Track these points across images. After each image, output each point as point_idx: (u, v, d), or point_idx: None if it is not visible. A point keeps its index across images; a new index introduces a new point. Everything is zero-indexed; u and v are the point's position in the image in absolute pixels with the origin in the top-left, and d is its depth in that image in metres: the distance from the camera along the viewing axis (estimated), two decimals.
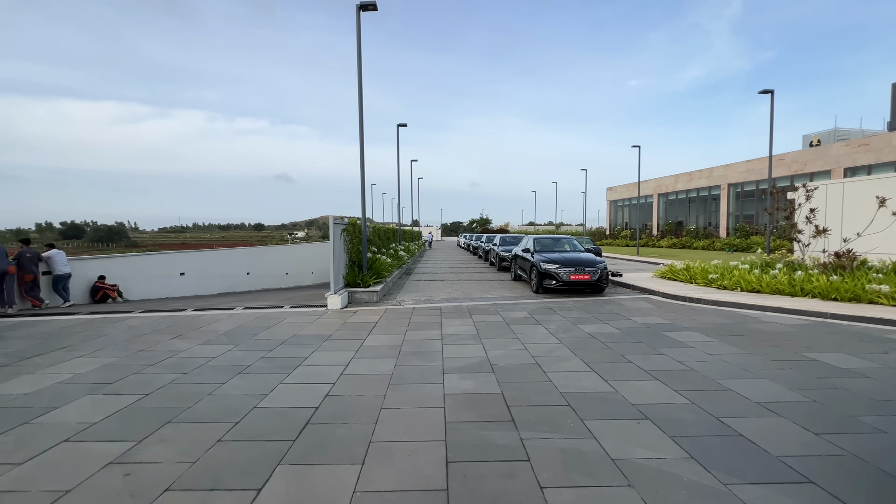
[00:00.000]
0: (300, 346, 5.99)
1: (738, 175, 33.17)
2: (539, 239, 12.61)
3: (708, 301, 9.20)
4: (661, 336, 6.47)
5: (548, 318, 7.93)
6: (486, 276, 15.39)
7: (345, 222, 10.18)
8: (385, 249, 15.85)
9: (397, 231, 21.67)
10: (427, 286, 12.72)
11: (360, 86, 10.22)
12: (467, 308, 9.03)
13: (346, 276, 10.03)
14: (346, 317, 8.17)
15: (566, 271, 10.33)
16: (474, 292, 11.39)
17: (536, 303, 9.65)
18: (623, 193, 48.66)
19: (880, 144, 23.90)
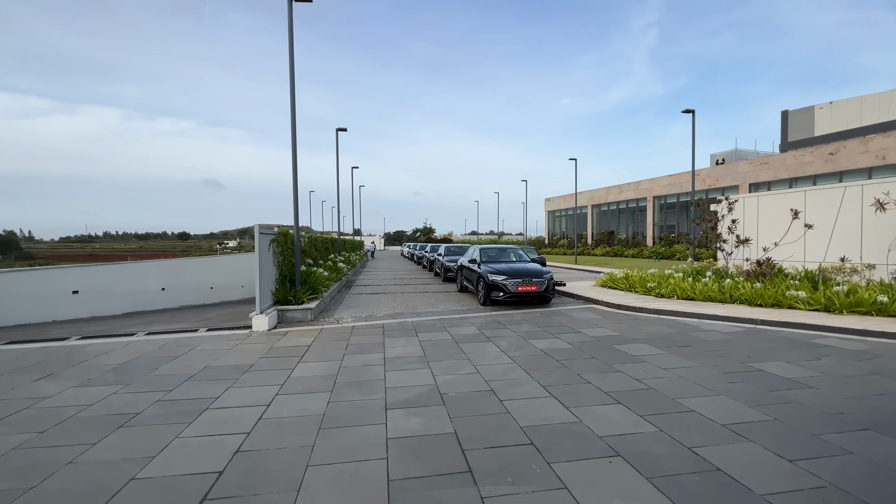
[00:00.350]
0: (211, 383, 4.96)
1: (661, 188, 35.89)
2: (485, 249, 12.31)
3: (650, 310, 9.35)
4: (614, 350, 6.28)
5: (498, 333, 7.50)
6: (431, 288, 14.82)
7: (274, 232, 9.10)
8: (323, 261, 14.72)
9: (337, 241, 20.47)
10: (369, 300, 11.86)
11: (293, 78, 9.28)
12: (412, 325, 8.37)
13: (276, 292, 8.93)
14: (274, 340, 7.14)
15: (514, 283, 10.06)
16: (419, 306, 10.75)
17: (485, 316, 9.23)
18: (560, 204, 50.83)
19: (777, 163, 27.00)
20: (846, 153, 23.37)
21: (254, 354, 6.22)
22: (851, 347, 6.26)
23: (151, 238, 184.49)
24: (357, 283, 16.94)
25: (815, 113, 42.48)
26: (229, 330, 8.00)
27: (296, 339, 7.25)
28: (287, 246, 9.52)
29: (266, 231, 8.51)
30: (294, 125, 9.35)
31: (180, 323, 9.66)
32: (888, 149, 21.57)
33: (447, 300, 11.80)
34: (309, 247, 12.71)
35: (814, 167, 24.81)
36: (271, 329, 8.00)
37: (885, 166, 21.72)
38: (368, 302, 11.56)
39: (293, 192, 9.41)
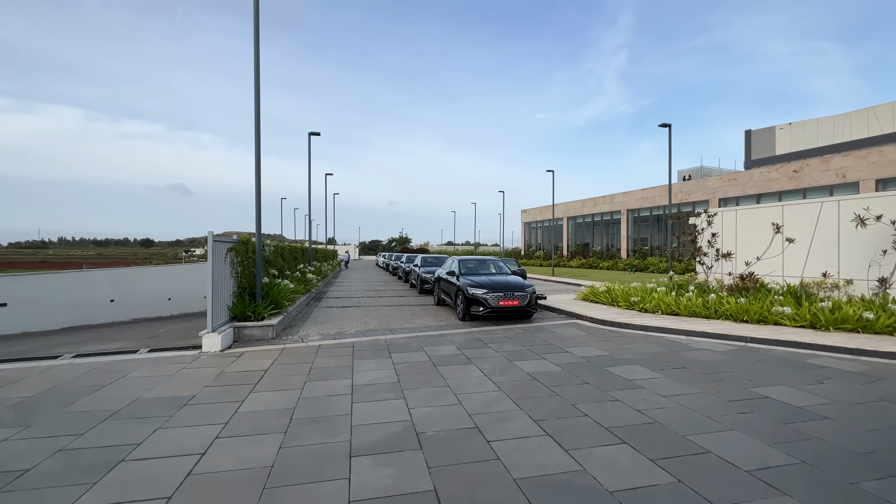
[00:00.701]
0: (136, 422, 4.08)
1: (635, 202, 36.53)
2: (464, 261, 11.72)
3: (636, 326, 8.95)
4: (606, 374, 5.74)
5: (480, 353, 6.86)
6: (406, 301, 14.07)
7: (232, 240, 8.20)
8: (291, 272, 13.74)
9: (307, 250, 19.44)
10: (339, 315, 11.01)
11: (258, 75, 8.51)
12: (386, 343, 7.62)
13: (233, 307, 8.00)
14: (226, 363, 6.25)
15: (495, 297, 9.48)
16: (394, 321, 10.00)
17: (464, 333, 8.58)
18: (536, 216, 51.14)
19: (744, 180, 27.86)
20: (809, 171, 24.30)
21: (198, 382, 5.33)
22: (850, 368, 5.96)
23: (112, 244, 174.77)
24: (328, 294, 15.98)
25: (776, 133, 44.57)
26: (175, 350, 7.03)
27: (251, 361, 6.37)
28: (247, 255, 8.62)
29: (222, 239, 7.61)
30: (258, 125, 8.54)
31: (120, 341, 8.57)
32: (847, 167, 22.53)
33: (424, 314, 11.09)
34: (274, 256, 11.77)
35: (779, 184, 25.69)
36: (225, 349, 7.08)
37: (846, 184, 22.65)
38: (339, 316, 10.71)
39: (255, 197, 8.56)
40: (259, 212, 8.61)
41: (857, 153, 22.32)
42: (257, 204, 8.58)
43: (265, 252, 10.31)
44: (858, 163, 22.13)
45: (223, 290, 7.65)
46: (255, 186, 8.55)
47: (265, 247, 10.87)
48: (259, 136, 8.57)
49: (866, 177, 21.78)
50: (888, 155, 21.07)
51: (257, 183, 8.57)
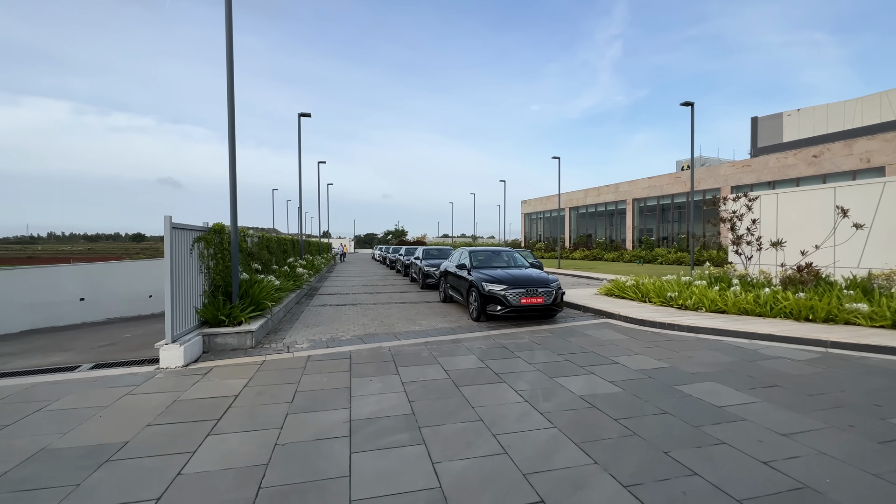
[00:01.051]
0: (16, 497, 2.67)
1: (641, 191, 35.21)
2: (476, 252, 10.32)
3: (682, 327, 7.62)
4: (682, 397, 4.40)
5: (509, 367, 5.49)
6: (408, 297, 12.67)
7: (201, 227, 6.75)
8: (279, 266, 12.28)
9: (298, 242, 17.96)
10: (333, 315, 9.60)
11: (230, 26, 7.00)
12: (390, 353, 6.23)
13: (203, 309, 6.57)
14: (186, 385, 4.84)
15: (515, 293, 8.11)
16: (397, 322, 8.62)
17: (482, 338, 7.21)
18: (537, 207, 49.77)
19: (759, 166, 26.59)
20: (830, 156, 23.04)
21: (139, 418, 3.92)
22: None
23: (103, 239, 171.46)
24: (321, 290, 14.55)
25: (783, 119, 43.32)
26: (126, 367, 5.60)
27: (220, 382, 4.96)
28: (221, 247, 7.17)
29: (186, 226, 6.14)
30: (231, 79, 7.05)
31: (68, 352, 7.13)
32: (873, 151, 21.29)
33: (430, 313, 9.71)
34: (259, 249, 10.30)
35: (797, 170, 24.44)
36: (189, 364, 5.66)
37: (870, 169, 21.42)
38: (333, 317, 9.30)
39: (230, 174, 7.09)
40: (234, 193, 7.14)
41: (884, 136, 21.06)
42: (232, 185, 7.11)
43: (245, 244, 8.85)
44: (885, 146, 20.88)
45: (189, 290, 6.20)
46: (230, 167, 7.08)
47: (247, 237, 9.40)
48: (233, 112, 7.08)
49: (893, 160, 20.55)
50: None
51: (231, 162, 7.09)
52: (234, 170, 7.11)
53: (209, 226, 7.05)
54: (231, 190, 7.09)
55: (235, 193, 7.15)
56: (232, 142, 7.04)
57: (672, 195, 32.59)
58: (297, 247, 17.55)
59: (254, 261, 9.49)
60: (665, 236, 33.82)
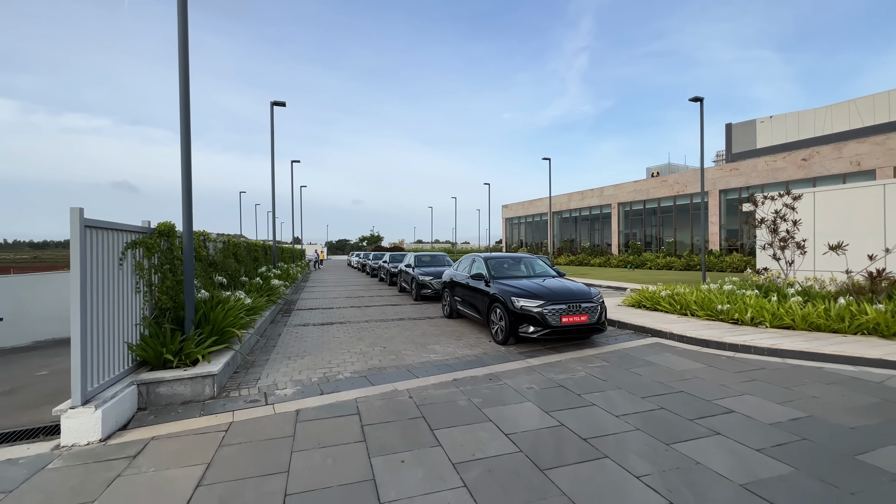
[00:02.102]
0: None
1: (626, 195, 34.72)
2: (493, 260, 8.67)
3: (760, 350, 6.23)
4: (875, 474, 2.89)
5: (591, 422, 3.86)
6: (404, 311, 10.87)
7: (142, 228, 4.80)
8: (250, 277, 10.21)
9: (271, 249, 15.81)
10: (320, 338, 7.70)
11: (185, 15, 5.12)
12: (412, 400, 4.48)
13: (140, 345, 4.60)
14: (98, 482, 2.93)
15: (555, 311, 6.51)
16: (404, 348, 6.84)
17: (523, 370, 5.56)
18: (518, 211, 48.83)
19: (747, 169, 26.37)
20: (819, 159, 22.93)
21: None
22: None
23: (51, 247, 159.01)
24: (300, 304, 12.51)
25: (756, 126, 44.31)
26: (8, 443, 3.60)
27: (157, 474, 3.08)
28: (170, 256, 5.22)
29: (108, 225, 4.18)
30: (185, 36, 5.16)
31: None
32: (863, 155, 21.22)
33: (438, 334, 7.97)
34: (223, 256, 8.25)
35: (787, 173, 24.26)
36: (113, 434, 3.71)
37: (861, 172, 21.34)
38: (320, 341, 7.41)
39: (181, 160, 5.16)
40: (188, 182, 5.20)
41: (874, 139, 21.02)
42: (185, 171, 5.17)
43: (204, 251, 6.85)
44: (875, 149, 20.83)
45: (118, 318, 4.25)
46: (182, 151, 5.15)
47: (208, 242, 7.38)
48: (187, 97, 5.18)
49: (884, 164, 20.49)
50: None
51: (184, 142, 5.16)
52: (189, 152, 5.19)
53: (151, 227, 5.09)
54: (183, 178, 5.16)
55: (189, 182, 5.22)
56: (186, 114, 5.13)
57: (658, 199, 32.18)
58: (269, 254, 15.38)
59: (217, 272, 7.47)
60: (650, 241, 33.38)
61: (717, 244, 27.89)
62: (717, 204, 28.02)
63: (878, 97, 34.75)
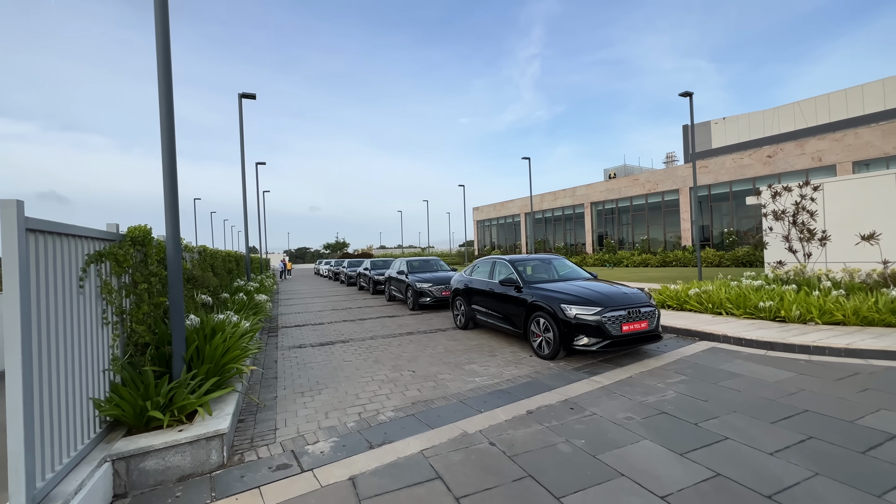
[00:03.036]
0: None
1: (599, 194, 35.13)
2: (520, 262, 7.73)
3: (837, 350, 5.68)
4: None
5: (742, 460, 2.98)
6: (407, 323, 9.71)
7: (110, 234, 3.45)
8: (231, 294, 8.66)
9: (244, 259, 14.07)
10: (328, 363, 6.43)
11: None
12: (496, 448, 3.42)
13: (112, 401, 3.24)
14: None
15: (615, 318, 5.66)
16: (436, 370, 5.74)
17: (599, 392, 4.64)
18: (490, 213, 48.53)
19: (716, 167, 27.25)
20: (783, 155, 23.96)
21: None
22: None
23: None
24: (283, 320, 11.00)
25: (711, 127, 46.59)
26: None
27: None
28: (145, 271, 3.86)
29: (60, 229, 2.84)
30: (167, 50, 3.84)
31: None
32: (823, 151, 22.33)
33: (463, 348, 6.92)
34: (202, 269, 6.76)
35: (753, 169, 25.21)
36: None
37: (822, 167, 22.44)
38: (329, 367, 6.14)
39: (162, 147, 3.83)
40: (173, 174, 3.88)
41: (833, 136, 22.18)
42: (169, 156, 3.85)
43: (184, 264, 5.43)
44: (834, 145, 21.97)
45: (78, 362, 2.90)
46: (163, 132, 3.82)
47: (185, 252, 5.92)
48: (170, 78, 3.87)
49: (843, 159, 21.64)
50: (864, 137, 21.02)
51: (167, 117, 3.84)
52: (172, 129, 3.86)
53: (121, 232, 3.72)
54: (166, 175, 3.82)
55: (174, 174, 3.89)
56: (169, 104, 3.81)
57: (631, 197, 32.74)
58: (241, 265, 13.65)
59: (199, 289, 6.02)
60: (623, 239, 33.91)
61: (690, 240, 28.62)
62: (687, 201, 28.77)
63: (819, 100, 37.35)
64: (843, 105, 32.98)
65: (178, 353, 3.75)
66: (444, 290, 11.74)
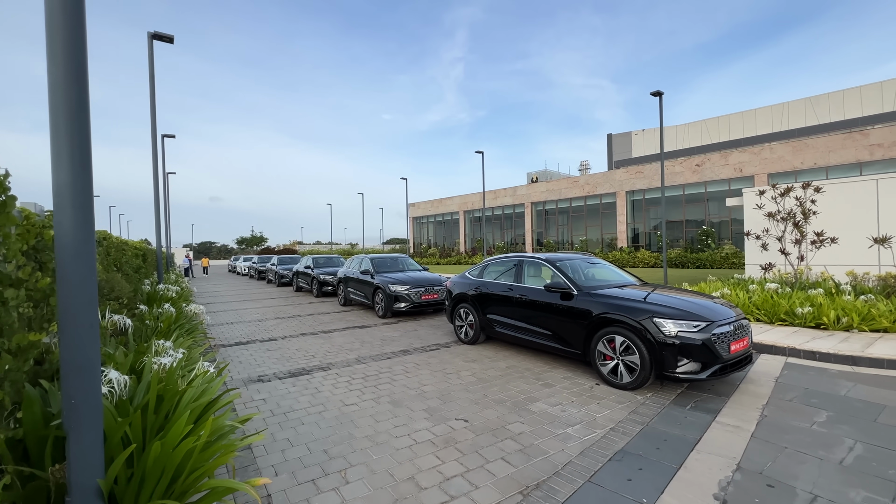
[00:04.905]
0: None
1: (539, 195, 35.49)
2: (561, 262, 6.22)
3: None
4: None
5: None
6: (384, 333, 7.71)
7: None
8: (151, 305, 5.89)
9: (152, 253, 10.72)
10: (317, 405, 4.31)
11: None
12: None
13: None
14: None
15: (723, 336, 4.43)
16: (493, 414, 4.00)
17: (753, 442, 3.31)
18: (427, 210, 46.99)
19: (651, 173, 28.77)
20: (710, 165, 25.90)
21: None
22: None
23: None
24: (216, 333, 8.24)
25: (632, 138, 50.20)
26: None
27: None
28: None
29: None
30: None
31: None
32: (744, 162, 24.49)
33: (498, 374, 5.25)
34: (106, 269, 4.16)
35: (683, 177, 26.96)
36: None
37: (743, 177, 24.60)
38: (326, 417, 4.05)
39: None
40: None
41: (752, 149, 24.41)
42: None
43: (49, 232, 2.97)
44: (753, 158, 24.18)
45: None
46: None
47: None
48: None
49: (760, 171, 23.89)
50: (777, 152, 23.38)
51: None
52: None
53: None
54: None
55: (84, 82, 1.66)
56: None
57: (570, 199, 33.48)
58: (148, 261, 10.31)
59: (106, 303, 3.52)
60: (561, 239, 34.65)
61: (625, 241, 29.93)
62: (623, 204, 30.06)
63: (721, 119, 41.97)
64: (768, 120, 37.16)
65: (85, 486, 1.55)
66: (425, 293, 9.91)
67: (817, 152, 22.08)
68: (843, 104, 33.98)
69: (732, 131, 39.77)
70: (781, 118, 37.05)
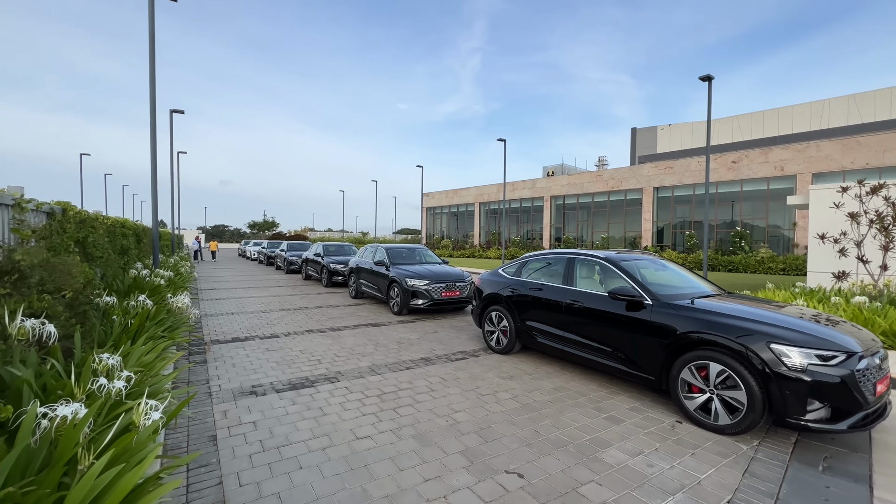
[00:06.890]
0: None
1: (560, 188, 34.06)
2: (626, 262, 5.09)
3: None
4: None
5: None
6: (401, 335, 6.70)
7: None
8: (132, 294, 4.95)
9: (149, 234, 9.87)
10: (322, 437, 3.31)
11: None
12: None
13: None
14: None
15: (868, 371, 3.28)
16: (543, 457, 2.94)
17: None
18: (442, 200, 45.81)
19: (681, 169, 27.16)
20: (748, 162, 24.24)
21: None
22: None
23: None
24: (213, 326, 7.31)
25: (657, 133, 48.18)
26: None
27: None
28: None
29: None
30: None
31: None
32: (786, 161, 22.80)
33: (537, 397, 4.19)
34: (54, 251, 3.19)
35: (717, 174, 25.33)
36: None
37: (783, 177, 22.93)
38: (332, 457, 3.03)
39: None
40: None
41: (795, 147, 22.69)
42: None
43: None
44: (796, 156, 22.48)
45: None
46: None
47: None
48: None
49: (804, 170, 22.20)
50: (824, 150, 21.65)
51: None
52: None
53: None
54: None
55: None
56: None
57: (593, 193, 32.02)
58: (144, 242, 9.42)
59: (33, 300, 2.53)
60: (582, 235, 33.27)
61: (650, 240, 28.46)
62: (650, 200, 28.53)
63: (755, 115, 39.86)
64: (806, 118, 35.12)
65: None
66: (446, 289, 8.85)
67: (870, 151, 20.33)
68: (891, 102, 31.75)
69: (767, 128, 37.68)
70: (822, 116, 34.89)
